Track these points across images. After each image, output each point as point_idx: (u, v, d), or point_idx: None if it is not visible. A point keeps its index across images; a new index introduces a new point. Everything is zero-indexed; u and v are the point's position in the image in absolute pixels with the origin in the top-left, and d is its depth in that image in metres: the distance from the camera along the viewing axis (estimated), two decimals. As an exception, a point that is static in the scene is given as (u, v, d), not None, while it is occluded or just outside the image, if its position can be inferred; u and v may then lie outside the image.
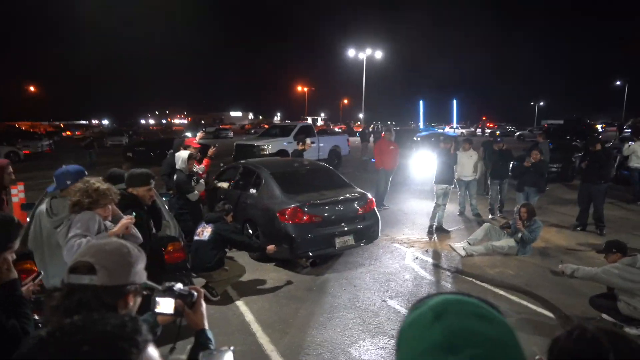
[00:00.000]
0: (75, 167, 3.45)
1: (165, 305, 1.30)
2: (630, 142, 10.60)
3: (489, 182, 9.05)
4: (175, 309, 1.32)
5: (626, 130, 22.69)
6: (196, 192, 6.05)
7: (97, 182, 2.71)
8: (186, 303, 1.35)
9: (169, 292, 1.32)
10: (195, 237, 5.08)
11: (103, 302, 1.11)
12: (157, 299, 1.28)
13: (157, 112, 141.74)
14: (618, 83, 61.46)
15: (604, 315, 4.44)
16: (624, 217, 8.91)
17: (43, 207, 3.17)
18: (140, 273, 1.22)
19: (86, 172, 3.38)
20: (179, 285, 1.37)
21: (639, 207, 9.75)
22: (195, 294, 1.41)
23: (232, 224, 5.22)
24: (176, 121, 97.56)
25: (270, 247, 5.15)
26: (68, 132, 56.49)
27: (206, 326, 1.42)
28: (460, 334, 0.60)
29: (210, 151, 7.21)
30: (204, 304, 1.44)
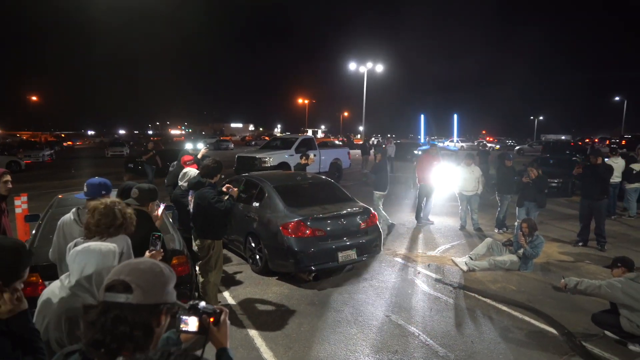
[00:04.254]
0: (107, 180, 3.54)
1: (190, 324, 1.34)
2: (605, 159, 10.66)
3: (496, 196, 9.05)
4: (199, 327, 1.35)
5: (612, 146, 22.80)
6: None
7: (127, 207, 2.61)
8: (210, 320, 1.38)
9: (193, 311, 1.35)
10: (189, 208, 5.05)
11: (139, 321, 1.15)
12: (182, 317, 1.31)
13: (157, 123, 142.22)
14: (617, 99, 61.85)
15: (607, 332, 4.45)
16: (624, 233, 8.94)
17: (69, 217, 3.18)
18: (172, 292, 1.26)
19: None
20: (202, 304, 1.40)
21: (636, 222, 9.78)
22: (221, 312, 1.44)
23: (213, 191, 4.84)
24: (176, 132, 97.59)
25: (233, 190, 4.93)
26: (69, 142, 56.64)
27: (228, 345, 1.45)
28: None
29: (201, 153, 7.37)
30: (228, 323, 1.47)
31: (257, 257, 6.32)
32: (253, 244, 6.43)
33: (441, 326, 4.70)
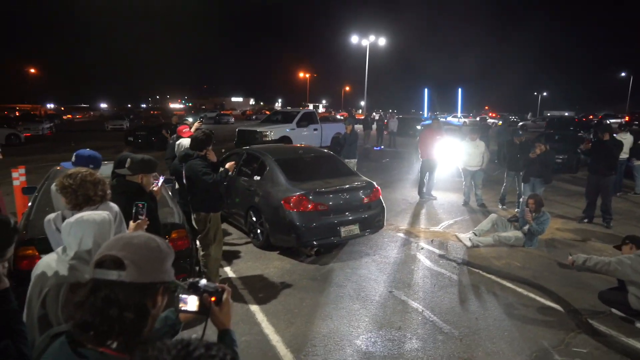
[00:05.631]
0: (96, 154, 3.42)
1: (190, 303, 1.22)
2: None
3: (505, 174, 8.87)
4: (200, 306, 1.24)
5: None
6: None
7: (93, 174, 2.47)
8: (212, 300, 1.27)
9: (193, 289, 1.24)
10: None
11: (132, 301, 1.02)
12: (181, 296, 1.20)
13: (157, 97, 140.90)
14: (623, 74, 60.94)
15: (614, 310, 4.38)
16: (629, 210, 8.84)
17: (53, 187, 3.05)
18: (169, 270, 1.13)
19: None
20: (203, 282, 1.28)
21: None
22: (223, 290, 1.32)
23: (202, 163, 4.65)
24: (176, 106, 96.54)
25: (230, 164, 4.83)
26: (69, 115, 56.24)
27: (231, 326, 1.34)
28: None
29: (194, 126, 7.22)
30: (231, 302, 1.35)
31: (259, 231, 6.23)
32: (254, 218, 6.33)
33: (445, 302, 4.63)
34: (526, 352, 3.69)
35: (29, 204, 4.75)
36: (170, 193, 5.27)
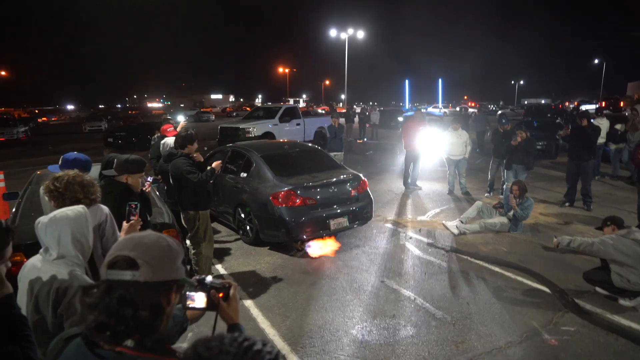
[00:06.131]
0: (85, 156, 3.37)
1: (197, 300, 1.23)
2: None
3: (492, 161, 9.00)
4: (207, 303, 1.25)
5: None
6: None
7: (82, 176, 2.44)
8: (220, 296, 1.29)
9: (200, 286, 1.25)
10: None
11: (147, 300, 1.03)
12: (188, 293, 1.21)
13: (135, 96, 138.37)
14: (596, 62, 62.35)
15: (598, 289, 4.53)
16: (607, 192, 9.09)
17: (41, 191, 3.01)
18: (181, 268, 1.13)
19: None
20: (209, 278, 1.30)
21: (621, 182, 9.96)
22: (229, 286, 1.34)
23: (186, 161, 4.62)
24: (155, 105, 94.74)
25: (216, 163, 4.81)
26: (44, 118, 54.79)
27: (239, 320, 1.36)
28: None
29: (180, 126, 7.12)
30: (237, 297, 1.37)
31: (248, 227, 6.22)
32: (243, 215, 6.32)
33: (436, 289, 4.72)
34: (517, 333, 3.80)
35: (13, 209, 4.65)
36: (157, 193, 5.22)
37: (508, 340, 3.69)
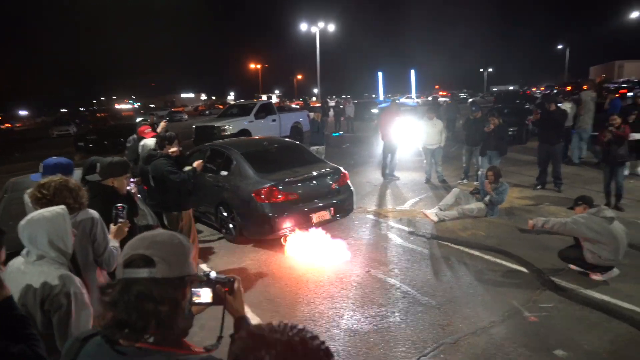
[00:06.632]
0: (67, 160, 3.29)
1: (203, 295, 1.27)
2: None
3: (464, 149, 9.23)
4: (213, 297, 1.29)
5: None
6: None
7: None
8: (225, 290, 1.33)
9: (206, 282, 1.29)
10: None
11: (165, 296, 1.06)
12: (194, 289, 1.25)
13: (102, 98, 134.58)
14: (560, 47, 64.18)
15: (571, 266, 4.75)
16: (576, 174, 9.43)
17: (26, 200, 2.96)
18: (192, 264, 1.17)
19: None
20: (213, 274, 1.33)
21: (587, 164, 10.34)
22: (234, 280, 1.38)
23: (167, 162, 4.63)
24: (124, 106, 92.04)
25: (198, 163, 4.88)
26: (7, 125, 52.73)
27: (245, 313, 1.40)
28: None
29: (160, 127, 7.07)
30: (242, 291, 1.41)
31: (231, 226, 6.22)
32: (225, 213, 6.31)
33: (419, 276, 4.85)
34: (499, 313, 3.96)
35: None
36: (139, 195, 5.17)
37: (491, 320, 3.85)
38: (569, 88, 27.60)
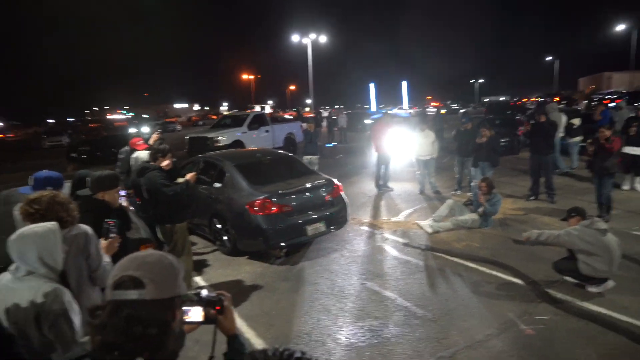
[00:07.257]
0: (57, 173, 3.25)
1: (194, 314, 1.25)
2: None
3: (456, 160, 9.29)
4: (205, 316, 1.27)
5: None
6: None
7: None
8: (216, 309, 1.31)
9: (197, 301, 1.27)
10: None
11: (154, 317, 1.05)
12: (184, 308, 1.23)
13: (96, 108, 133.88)
14: (549, 58, 65.16)
15: (566, 278, 4.76)
16: (568, 184, 9.51)
17: (17, 215, 2.91)
18: (183, 284, 1.16)
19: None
20: (204, 292, 1.32)
21: (577, 174, 10.42)
22: (224, 298, 1.36)
23: (160, 174, 4.59)
24: (117, 117, 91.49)
25: (191, 175, 4.84)
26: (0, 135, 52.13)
27: (238, 331, 1.38)
28: None
29: (152, 139, 7.00)
30: (232, 308, 1.39)
31: (225, 238, 6.18)
32: (219, 226, 6.27)
33: (415, 288, 4.83)
34: (495, 325, 3.95)
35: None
36: (132, 207, 5.13)
37: (487, 333, 3.83)
38: (557, 99, 27.97)
